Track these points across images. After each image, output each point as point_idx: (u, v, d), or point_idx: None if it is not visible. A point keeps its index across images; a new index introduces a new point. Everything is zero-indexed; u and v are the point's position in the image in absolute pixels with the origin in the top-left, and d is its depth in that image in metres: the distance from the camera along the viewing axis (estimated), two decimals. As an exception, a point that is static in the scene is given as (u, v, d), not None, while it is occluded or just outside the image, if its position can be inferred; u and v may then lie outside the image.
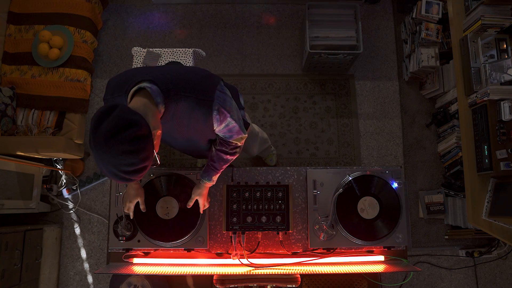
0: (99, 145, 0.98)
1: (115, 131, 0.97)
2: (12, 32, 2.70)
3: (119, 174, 1.02)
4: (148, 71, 1.24)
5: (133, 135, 0.99)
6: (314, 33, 2.75)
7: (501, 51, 2.27)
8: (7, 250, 2.18)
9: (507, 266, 2.82)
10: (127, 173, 1.03)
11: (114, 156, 0.98)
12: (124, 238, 1.63)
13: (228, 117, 1.29)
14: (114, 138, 0.97)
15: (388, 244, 1.66)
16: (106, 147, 0.97)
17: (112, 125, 0.98)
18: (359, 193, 1.66)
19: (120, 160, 0.99)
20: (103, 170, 1.03)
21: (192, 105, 1.23)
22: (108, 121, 0.98)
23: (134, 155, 1.00)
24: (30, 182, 2.57)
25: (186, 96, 1.21)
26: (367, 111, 3.00)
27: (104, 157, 0.99)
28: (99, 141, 0.98)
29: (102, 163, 1.01)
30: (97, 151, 0.99)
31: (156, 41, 3.10)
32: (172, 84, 1.20)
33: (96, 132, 0.98)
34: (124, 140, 0.98)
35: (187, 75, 1.27)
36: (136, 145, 1.00)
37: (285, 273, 1.56)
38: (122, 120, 0.99)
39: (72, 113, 2.61)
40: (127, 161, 1.00)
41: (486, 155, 2.04)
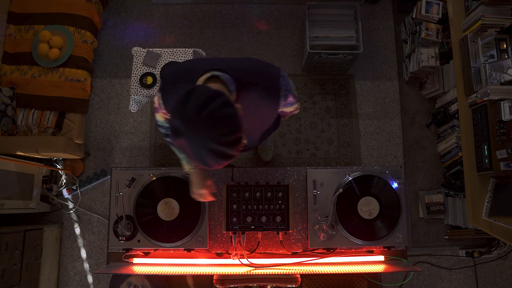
0: (191, 123, 0.92)
1: (204, 103, 0.93)
2: (12, 32, 2.70)
3: (220, 148, 0.95)
4: (208, 62, 1.22)
5: (224, 101, 0.95)
6: (314, 33, 2.75)
7: (501, 51, 2.27)
8: (7, 250, 2.19)
9: (507, 266, 2.82)
10: (227, 144, 0.96)
11: (211, 126, 0.93)
12: (124, 238, 1.63)
13: (290, 96, 1.28)
14: (206, 108, 0.93)
15: (388, 244, 1.66)
16: (200, 121, 0.92)
17: (200, 100, 0.94)
18: (359, 193, 1.66)
19: (218, 129, 0.94)
20: (201, 155, 0.96)
21: (261, 94, 1.21)
22: (192, 99, 0.94)
23: (230, 120, 0.95)
24: (30, 182, 2.57)
25: (257, 84, 1.19)
26: (367, 111, 3.00)
27: (200, 133, 0.93)
28: (190, 118, 0.92)
29: (198, 144, 0.94)
30: (191, 131, 0.93)
31: (156, 41, 3.10)
32: (242, 72, 1.17)
33: (183, 113, 0.93)
34: (217, 107, 0.94)
35: (251, 63, 1.25)
36: (229, 109, 0.96)
37: (285, 273, 1.56)
38: (207, 93, 0.96)
39: (72, 113, 2.61)
40: (224, 128, 0.94)
41: (486, 155, 2.04)
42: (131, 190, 1.67)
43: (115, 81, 3.02)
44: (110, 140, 2.92)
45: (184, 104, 0.95)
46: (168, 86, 1.23)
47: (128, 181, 1.66)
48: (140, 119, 2.95)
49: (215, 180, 1.74)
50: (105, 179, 2.84)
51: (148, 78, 2.42)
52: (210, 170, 0.99)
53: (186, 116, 0.93)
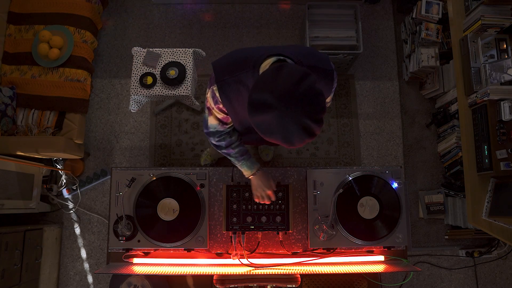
0: (289, 96, 0.91)
1: (298, 80, 0.93)
2: (12, 32, 2.70)
3: (311, 125, 0.95)
4: (261, 49, 1.20)
5: (314, 80, 0.96)
6: (314, 33, 2.75)
7: (501, 51, 2.27)
8: (7, 250, 2.18)
9: (507, 266, 2.82)
10: (319, 121, 0.96)
11: (307, 103, 0.93)
12: (124, 238, 1.63)
13: (336, 82, 1.30)
14: (301, 86, 0.92)
15: (388, 244, 1.66)
16: (297, 97, 0.92)
17: (294, 77, 0.93)
18: (359, 193, 1.66)
19: (314, 106, 0.94)
20: (291, 129, 0.95)
21: (320, 77, 1.21)
22: (284, 76, 0.94)
23: (322, 99, 0.96)
24: (30, 182, 2.57)
25: (315, 67, 1.19)
26: (367, 111, 3.00)
27: (296, 110, 0.92)
28: (288, 91, 0.91)
29: (291, 119, 0.93)
30: (286, 104, 0.91)
31: (156, 41, 3.10)
32: (302, 56, 1.17)
33: (275, 87, 0.92)
34: (312, 85, 0.94)
35: (303, 48, 1.24)
36: (319, 89, 0.96)
37: (285, 273, 1.56)
38: (299, 71, 0.95)
39: (72, 113, 2.61)
40: (318, 106, 0.95)
41: (486, 155, 2.04)
42: (131, 190, 1.67)
43: (115, 81, 3.02)
44: (110, 140, 2.92)
45: (275, 78, 0.93)
46: (226, 76, 1.20)
47: (128, 181, 1.66)
48: (140, 119, 2.95)
49: (215, 180, 1.75)
50: (105, 179, 2.84)
51: (148, 78, 2.42)
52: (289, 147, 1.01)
53: (281, 89, 0.92)
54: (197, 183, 1.69)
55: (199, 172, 1.70)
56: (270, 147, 2.81)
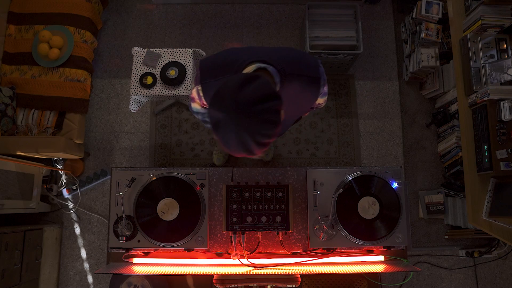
0: (239, 109, 0.94)
1: (261, 99, 0.95)
2: (12, 32, 2.70)
3: (249, 143, 0.98)
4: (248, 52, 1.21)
5: (276, 107, 0.98)
6: (314, 33, 2.75)
7: (501, 51, 2.27)
8: (7, 250, 2.19)
9: (507, 266, 2.82)
10: (258, 144, 0.99)
11: (254, 123, 0.95)
12: (124, 238, 1.63)
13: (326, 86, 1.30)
14: (260, 106, 0.95)
15: (388, 244, 1.66)
16: (250, 112, 0.94)
17: (259, 94, 0.96)
18: (359, 193, 1.66)
19: (260, 128, 0.97)
20: (230, 138, 0.99)
21: (304, 84, 1.22)
22: (252, 88, 0.96)
23: (273, 127, 0.98)
24: (30, 182, 2.57)
25: (299, 75, 1.20)
26: (367, 111, 3.00)
27: (242, 122, 0.95)
28: (241, 105, 0.94)
29: (234, 128, 0.96)
30: (236, 115, 0.94)
31: (156, 41, 3.10)
32: (285, 63, 1.17)
33: (237, 96, 0.94)
34: (269, 110, 0.96)
35: (291, 53, 1.25)
36: (277, 117, 0.99)
37: (285, 273, 1.56)
38: (267, 90, 0.97)
39: (72, 113, 2.61)
40: (265, 131, 0.98)
41: (486, 155, 2.04)
42: (131, 190, 1.67)
43: (115, 81, 3.02)
44: (110, 140, 2.92)
45: (243, 87, 0.95)
46: (209, 79, 1.22)
47: (128, 181, 1.66)
48: (140, 119, 2.95)
49: (215, 180, 1.75)
50: (105, 179, 2.84)
51: (148, 78, 2.42)
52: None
53: (240, 99, 0.94)
54: (197, 183, 1.69)
55: (199, 172, 1.70)
56: (270, 147, 2.82)
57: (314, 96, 1.27)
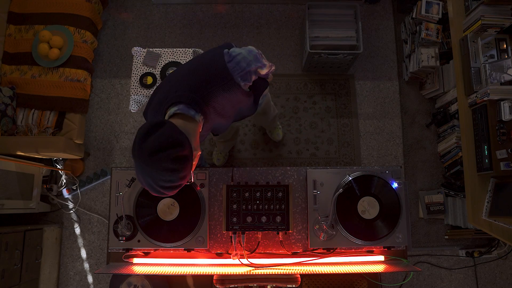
0: (142, 158, 1.03)
1: (160, 148, 1.03)
2: (12, 32, 2.70)
3: (155, 187, 1.08)
4: (169, 90, 1.25)
5: (177, 154, 1.05)
6: (314, 33, 2.75)
7: (501, 51, 2.27)
8: (7, 250, 2.19)
9: (507, 266, 2.82)
10: (163, 188, 1.09)
11: (155, 170, 1.04)
12: (124, 238, 1.63)
13: (250, 68, 1.30)
14: (159, 155, 1.03)
15: (388, 244, 1.66)
16: (149, 161, 1.03)
17: (159, 142, 1.03)
18: (359, 193, 1.66)
19: (160, 175, 1.05)
20: (140, 180, 1.10)
21: (222, 93, 1.26)
22: (155, 136, 1.04)
23: (174, 173, 1.06)
24: (30, 182, 2.57)
25: (210, 91, 1.24)
26: (367, 111, 3.00)
27: (145, 169, 1.05)
28: (144, 154, 1.03)
29: (141, 174, 1.07)
30: (139, 163, 1.05)
31: (156, 41, 3.10)
32: (193, 92, 1.21)
33: (142, 145, 1.03)
34: (168, 158, 1.03)
35: (195, 72, 1.27)
36: (178, 164, 1.06)
37: (285, 273, 1.56)
38: (169, 138, 1.05)
39: (72, 113, 2.61)
40: (166, 177, 1.06)
41: (486, 155, 2.04)
42: (131, 190, 1.67)
43: (115, 81, 3.02)
44: (110, 140, 2.92)
45: (147, 136, 1.04)
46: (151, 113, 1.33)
47: (128, 181, 1.66)
48: (140, 119, 2.95)
49: (215, 180, 1.75)
50: (105, 179, 2.84)
51: (148, 78, 2.42)
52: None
53: (142, 149, 1.03)
54: (197, 183, 1.69)
55: (199, 172, 1.70)
56: (278, 126, 2.83)
57: (239, 91, 1.31)
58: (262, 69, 1.39)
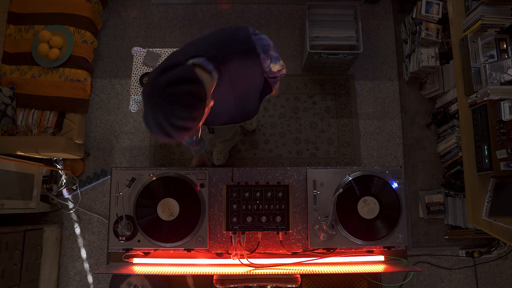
0: (157, 90, 1.00)
1: (177, 81, 1.00)
2: (12, 32, 2.70)
3: (166, 126, 1.02)
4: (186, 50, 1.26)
5: (193, 90, 1.02)
6: (314, 33, 2.75)
7: (501, 51, 2.27)
8: (7, 250, 2.19)
9: (507, 266, 2.82)
10: (174, 127, 1.03)
11: (170, 104, 1.00)
12: (124, 238, 1.63)
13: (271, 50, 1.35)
14: (175, 87, 1.00)
15: (388, 244, 1.66)
16: (165, 93, 0.99)
17: (177, 76, 1.01)
18: (359, 193, 1.66)
19: (174, 110, 1.00)
20: (149, 121, 1.04)
21: (241, 59, 1.27)
22: (172, 72, 1.02)
23: (188, 110, 1.02)
24: (30, 182, 2.57)
25: (232, 53, 1.25)
26: (367, 111, 3.00)
27: (158, 104, 1.00)
28: (159, 86, 1.00)
29: (152, 110, 1.01)
30: (153, 97, 1.00)
31: (156, 41, 3.10)
32: (214, 49, 1.23)
33: (158, 79, 1.01)
34: (184, 92, 1.01)
35: (221, 35, 1.31)
36: (193, 100, 1.03)
37: (285, 273, 1.56)
38: (186, 74, 1.03)
39: (72, 113, 2.61)
40: (179, 113, 1.01)
41: (486, 155, 2.04)
42: (131, 190, 1.67)
43: (115, 81, 3.02)
44: (110, 140, 2.92)
45: (164, 72, 1.01)
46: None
47: (128, 181, 1.66)
48: (140, 119, 2.95)
49: (215, 180, 1.75)
50: (105, 179, 2.84)
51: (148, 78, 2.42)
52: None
53: (157, 82, 1.00)
54: (197, 183, 1.69)
55: (199, 172, 1.71)
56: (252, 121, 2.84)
57: (258, 65, 1.33)
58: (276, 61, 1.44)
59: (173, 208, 1.64)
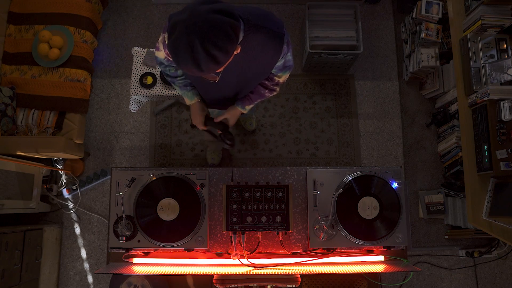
0: (198, 14, 0.99)
1: (221, 11, 1.01)
2: (12, 32, 2.70)
3: (199, 51, 1.00)
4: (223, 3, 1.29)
5: (234, 24, 1.03)
6: (314, 33, 2.75)
7: (501, 51, 2.27)
8: (7, 250, 2.19)
9: (507, 266, 2.82)
10: (207, 53, 1.01)
11: (211, 28, 0.99)
12: (124, 238, 1.63)
13: (289, 52, 1.37)
14: (219, 15, 1.00)
15: (388, 244, 1.66)
16: (207, 18, 0.99)
17: (220, 7, 1.02)
18: (359, 193, 1.66)
19: (213, 35, 0.99)
20: (179, 44, 1.02)
21: (267, 37, 1.27)
22: (215, 3, 1.03)
23: (225, 40, 1.02)
24: (30, 182, 2.57)
25: (263, 27, 1.25)
26: (367, 111, 3.00)
27: (198, 26, 0.99)
28: (201, 11, 1.00)
29: (187, 34, 0.99)
30: (192, 20, 0.99)
31: (156, 41, 3.09)
32: (251, 15, 1.23)
33: (200, 6, 1.01)
34: (226, 22, 1.01)
35: (259, 10, 1.31)
36: (232, 33, 1.03)
37: (285, 273, 1.56)
38: (229, 9, 1.04)
39: (72, 113, 2.61)
40: (217, 40, 1.00)
41: (486, 155, 2.04)
42: (131, 190, 1.67)
43: (115, 81, 3.02)
44: (110, 140, 2.92)
45: (205, 2, 1.02)
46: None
47: (128, 181, 1.66)
48: (140, 119, 2.95)
49: (215, 180, 1.75)
50: (105, 179, 2.84)
51: (148, 78, 2.42)
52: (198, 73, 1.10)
53: (200, 8, 1.00)
54: (197, 183, 1.69)
55: (199, 172, 1.71)
56: (252, 116, 2.82)
57: (276, 51, 1.31)
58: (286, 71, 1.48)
59: (173, 208, 1.64)
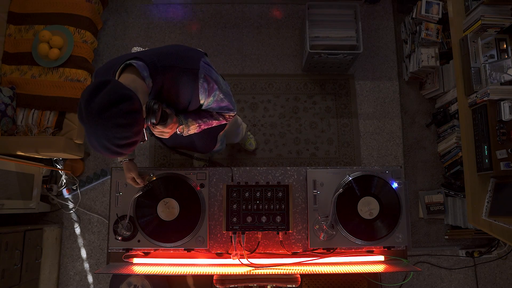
0: (92, 118, 0.99)
1: (109, 105, 0.99)
2: (12, 32, 2.70)
3: (111, 147, 1.04)
4: (131, 54, 1.27)
5: (127, 109, 1.02)
6: (314, 33, 2.75)
7: (501, 51, 2.27)
8: (7, 250, 2.19)
9: (507, 266, 2.82)
10: (119, 146, 1.05)
11: (108, 129, 1.00)
12: (122, 237, 1.63)
13: (215, 89, 1.33)
14: (109, 111, 0.99)
15: (388, 244, 1.66)
16: (100, 120, 0.99)
17: (107, 99, 0.99)
18: (359, 193, 1.66)
19: (114, 133, 1.01)
20: (94, 145, 1.04)
21: (176, 74, 1.26)
22: (101, 95, 1.00)
23: (128, 129, 1.03)
24: (30, 182, 2.57)
25: (172, 66, 1.24)
26: (367, 111, 3.00)
27: (97, 130, 1.00)
28: (93, 114, 0.99)
29: (94, 136, 1.02)
30: (90, 125, 1.00)
31: (156, 41, 3.10)
32: (157, 57, 1.23)
33: (89, 105, 0.99)
34: (118, 114, 1.00)
35: (171, 48, 1.30)
36: (130, 118, 1.03)
37: (285, 273, 1.56)
38: (115, 94, 1.01)
39: (72, 113, 2.61)
40: (120, 134, 1.02)
41: (486, 155, 2.04)
42: (131, 190, 1.67)
43: (115, 81, 3.01)
44: (110, 140, 2.92)
45: (93, 96, 1.00)
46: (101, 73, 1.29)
47: (128, 181, 1.66)
48: (140, 119, 2.95)
49: (215, 180, 1.75)
50: (105, 179, 2.84)
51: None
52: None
53: (90, 110, 0.99)
54: (197, 183, 1.69)
55: (199, 172, 1.71)
56: (249, 136, 2.81)
57: (192, 84, 1.29)
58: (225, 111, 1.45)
59: (173, 208, 1.64)
